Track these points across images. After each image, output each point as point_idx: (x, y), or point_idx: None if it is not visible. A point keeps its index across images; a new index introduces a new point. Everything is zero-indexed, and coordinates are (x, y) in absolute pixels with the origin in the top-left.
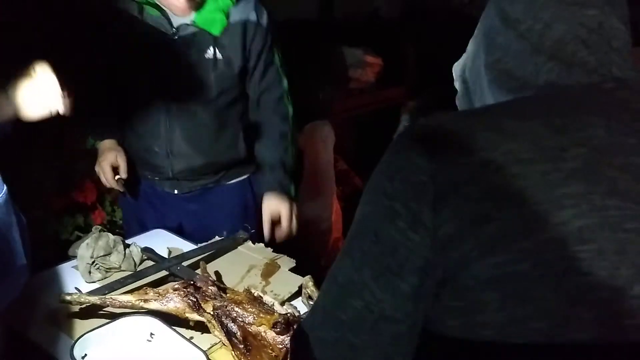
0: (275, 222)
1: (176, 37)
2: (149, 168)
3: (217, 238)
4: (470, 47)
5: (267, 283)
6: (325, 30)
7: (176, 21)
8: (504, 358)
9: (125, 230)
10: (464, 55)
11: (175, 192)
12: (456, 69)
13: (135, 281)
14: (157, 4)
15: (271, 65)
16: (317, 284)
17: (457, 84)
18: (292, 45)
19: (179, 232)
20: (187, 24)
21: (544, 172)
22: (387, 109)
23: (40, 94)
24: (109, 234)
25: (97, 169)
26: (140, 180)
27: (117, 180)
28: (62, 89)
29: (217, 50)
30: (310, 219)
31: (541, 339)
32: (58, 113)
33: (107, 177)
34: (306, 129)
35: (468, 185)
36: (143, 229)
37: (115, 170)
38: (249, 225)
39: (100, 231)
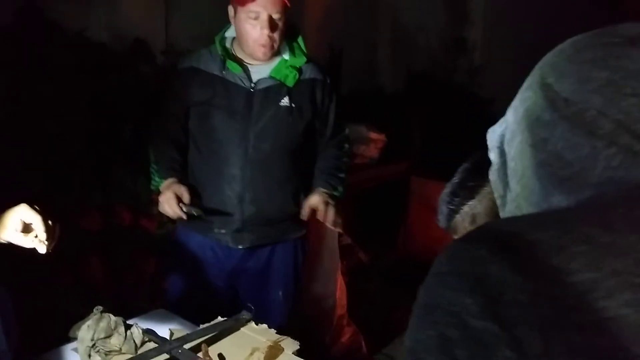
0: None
1: (254, 90)
2: (216, 218)
3: (219, 319)
4: (509, 115)
5: None
6: None
7: (255, 76)
8: None
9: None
10: (501, 122)
11: (240, 247)
12: (492, 136)
13: None
14: (238, 60)
15: (335, 116)
16: None
17: (492, 155)
18: None
19: (231, 287)
20: (265, 78)
21: None
22: (390, 183)
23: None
24: (111, 314)
25: (160, 200)
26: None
27: (182, 207)
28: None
29: (291, 100)
30: (315, 295)
31: None
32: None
33: (171, 205)
34: None
35: (578, 313)
36: (188, 279)
37: (179, 200)
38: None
39: (101, 312)
